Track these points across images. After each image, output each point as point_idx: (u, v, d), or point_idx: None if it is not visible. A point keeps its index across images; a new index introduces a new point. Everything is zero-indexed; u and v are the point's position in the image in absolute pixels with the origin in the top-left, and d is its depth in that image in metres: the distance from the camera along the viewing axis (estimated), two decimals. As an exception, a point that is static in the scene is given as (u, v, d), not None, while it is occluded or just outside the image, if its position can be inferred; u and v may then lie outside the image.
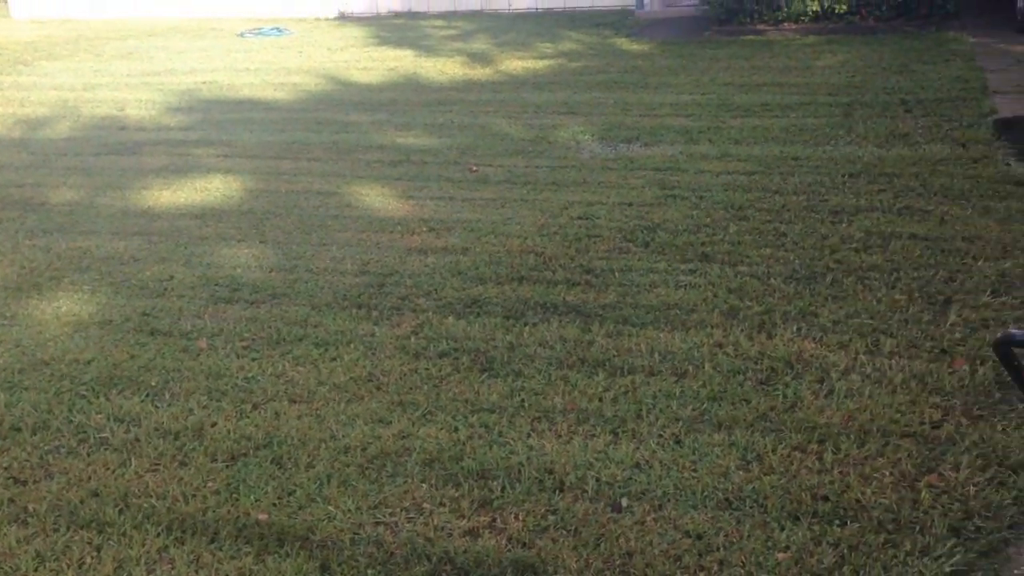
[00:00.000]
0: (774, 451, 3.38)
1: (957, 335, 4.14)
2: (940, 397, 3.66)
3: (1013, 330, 1.82)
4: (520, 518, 3.12)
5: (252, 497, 3.30)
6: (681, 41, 11.47)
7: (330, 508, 3.22)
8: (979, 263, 4.86)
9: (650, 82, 9.44)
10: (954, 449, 3.32)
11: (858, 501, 3.09)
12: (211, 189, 6.80)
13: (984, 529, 2.95)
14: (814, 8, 11.70)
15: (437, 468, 3.39)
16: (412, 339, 4.37)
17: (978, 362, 3.90)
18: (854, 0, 11.59)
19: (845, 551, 2.88)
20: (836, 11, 11.63)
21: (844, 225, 5.48)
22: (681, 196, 6.13)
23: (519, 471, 3.34)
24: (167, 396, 4.02)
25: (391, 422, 3.69)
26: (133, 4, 16.27)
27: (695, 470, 3.31)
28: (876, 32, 11.13)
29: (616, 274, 4.98)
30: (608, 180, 6.57)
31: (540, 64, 10.66)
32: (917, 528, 2.95)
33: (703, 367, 3.99)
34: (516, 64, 10.72)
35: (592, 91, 9.19)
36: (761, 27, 11.81)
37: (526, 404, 3.78)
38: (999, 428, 3.41)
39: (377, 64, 11.17)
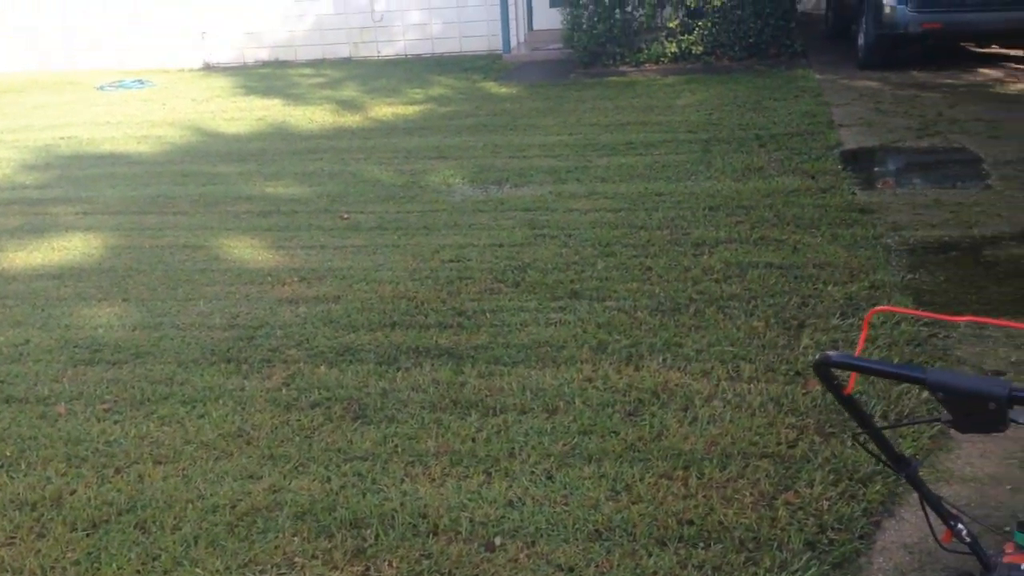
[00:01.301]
0: (642, 480, 3.47)
1: (810, 357, 4.35)
2: (795, 417, 3.84)
3: (830, 352, 1.93)
4: (394, 565, 3.11)
5: (114, 565, 3.18)
6: (548, 84, 11.75)
7: (197, 571, 3.13)
8: (829, 288, 5.12)
9: (519, 124, 9.63)
10: (808, 466, 3.48)
11: (721, 523, 3.20)
12: (70, 248, 6.58)
13: (837, 541, 3.10)
14: (673, 50, 12.19)
15: (309, 520, 3.35)
16: (283, 391, 4.32)
17: (867, 375, 4.09)
18: (710, 41, 12.14)
19: (709, 572, 2.98)
20: (693, 52, 12.15)
21: (705, 257, 5.70)
22: (550, 235, 6.26)
23: (393, 517, 3.33)
24: (23, 466, 3.85)
25: (262, 477, 3.63)
26: (-15, 58, 15.69)
27: (566, 504, 3.37)
28: (731, 71, 11.66)
29: (488, 315, 5.04)
30: (479, 222, 6.66)
31: (410, 110, 10.75)
32: (775, 545, 3.08)
33: (573, 402, 4.07)
34: (386, 110, 10.78)
35: (462, 135, 9.32)
36: (624, 68, 12.23)
37: (400, 449, 3.78)
38: (849, 444, 3.59)
39: (245, 114, 11.05)
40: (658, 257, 5.76)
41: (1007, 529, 2.96)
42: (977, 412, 1.74)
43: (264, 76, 13.86)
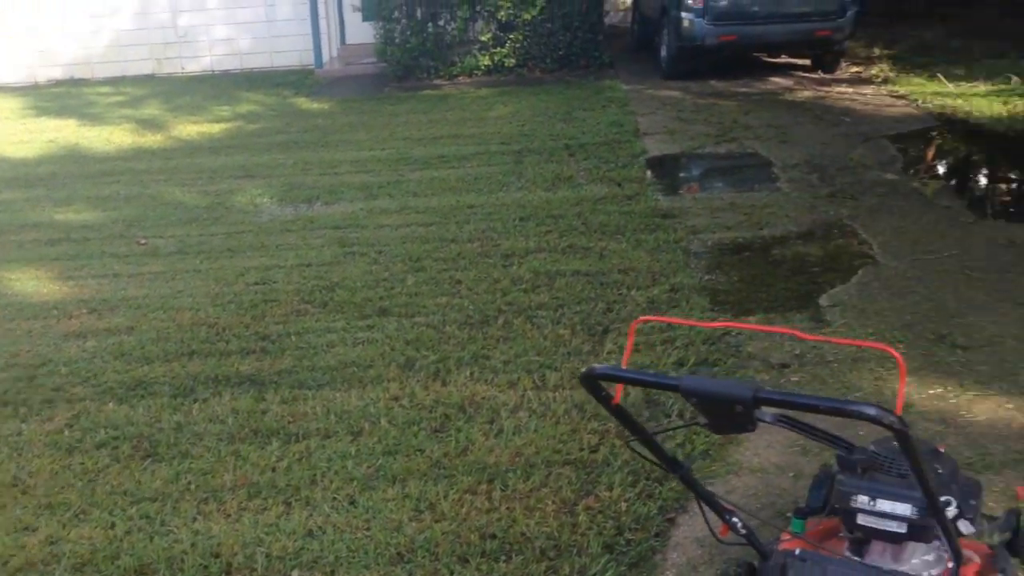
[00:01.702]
0: (446, 497, 3.43)
1: (613, 362, 4.44)
2: (598, 423, 3.89)
3: (595, 365, 1.96)
4: (183, 610, 2.95)
5: None
6: (361, 98, 11.62)
7: (-40, 637, 2.87)
8: (632, 292, 5.25)
9: (330, 140, 9.46)
10: (608, 470, 3.53)
11: (523, 534, 3.20)
12: None
13: (634, 541, 3.15)
14: (486, 62, 12.31)
15: (90, 572, 3.12)
16: (65, 432, 4.03)
17: (630, 385, 4.20)
18: (521, 54, 12.33)
19: (510, 586, 2.97)
20: (506, 65, 12.31)
21: (515, 267, 5.74)
22: (360, 252, 6.16)
23: (182, 560, 3.15)
24: None
25: (38, 528, 3.37)
26: None
27: (368, 529, 3.29)
28: (543, 83, 11.87)
29: (293, 338, 4.90)
30: (287, 242, 6.48)
31: (216, 128, 10.38)
32: (575, 551, 3.10)
33: (379, 423, 3.99)
34: (191, 129, 10.37)
35: (271, 152, 9.07)
36: (438, 82, 12.25)
37: (193, 486, 3.59)
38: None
39: (34, 136, 10.37)
40: (468, 270, 5.76)
41: (789, 515, 3.09)
42: (727, 414, 1.80)
43: (57, 96, 13.07)
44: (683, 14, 10.80)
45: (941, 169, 7.77)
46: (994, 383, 4.08)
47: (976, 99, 9.44)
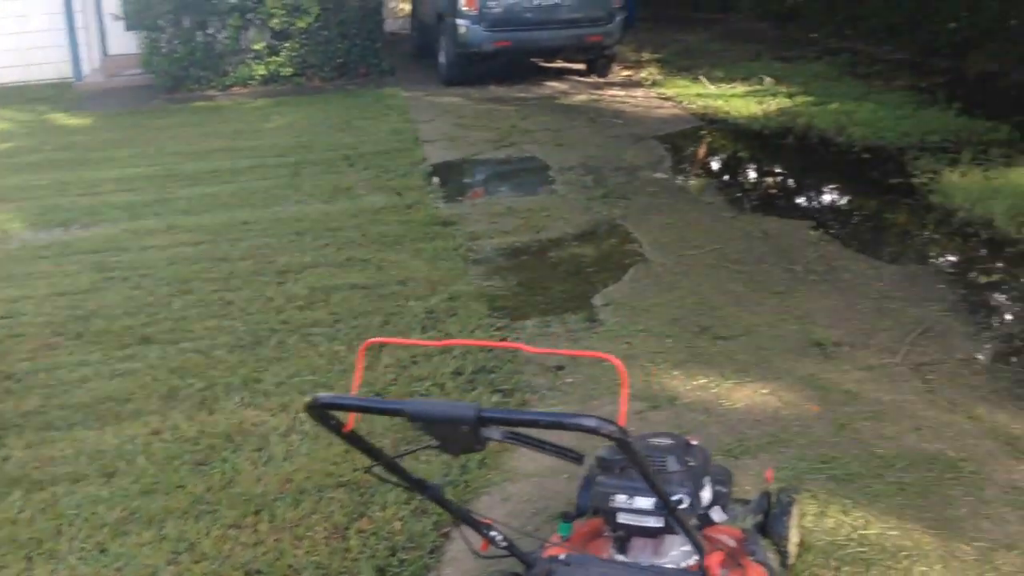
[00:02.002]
0: (208, 535, 3.23)
1: (390, 376, 4.35)
2: (372, 440, 3.78)
3: (320, 394, 1.89)
4: None
5: None
6: (127, 112, 10.97)
7: None
8: (411, 303, 5.18)
9: (91, 158, 8.85)
10: (382, 489, 3.44)
11: (291, 566, 3.05)
12: None
13: (408, 561, 3.08)
14: (261, 72, 11.92)
15: None
16: None
17: (410, 397, 4.13)
18: (299, 63, 12.02)
19: (275, 624, 2.82)
20: (283, 74, 11.97)
21: (290, 284, 5.54)
22: (122, 277, 5.77)
23: (-101, 638, 2.80)
24: None
25: None
26: None
27: (120, 579, 3.04)
28: (322, 92, 11.63)
29: (41, 375, 4.50)
30: (39, 270, 5.98)
31: (-39, 148, 9.50)
32: (345, 579, 2.99)
33: (136, 461, 3.72)
34: (-69, 151, 9.44)
35: (23, 173, 8.37)
36: (211, 93, 11.75)
37: (-84, 551, 3.21)
38: (421, 458, 3.59)
39: None
40: (240, 289, 5.51)
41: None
42: (454, 435, 1.77)
43: None
44: (459, 21, 10.86)
45: (704, 167, 8.17)
46: (751, 370, 4.29)
47: (735, 100, 10.02)
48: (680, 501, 2.32)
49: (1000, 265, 5.34)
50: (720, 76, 11.15)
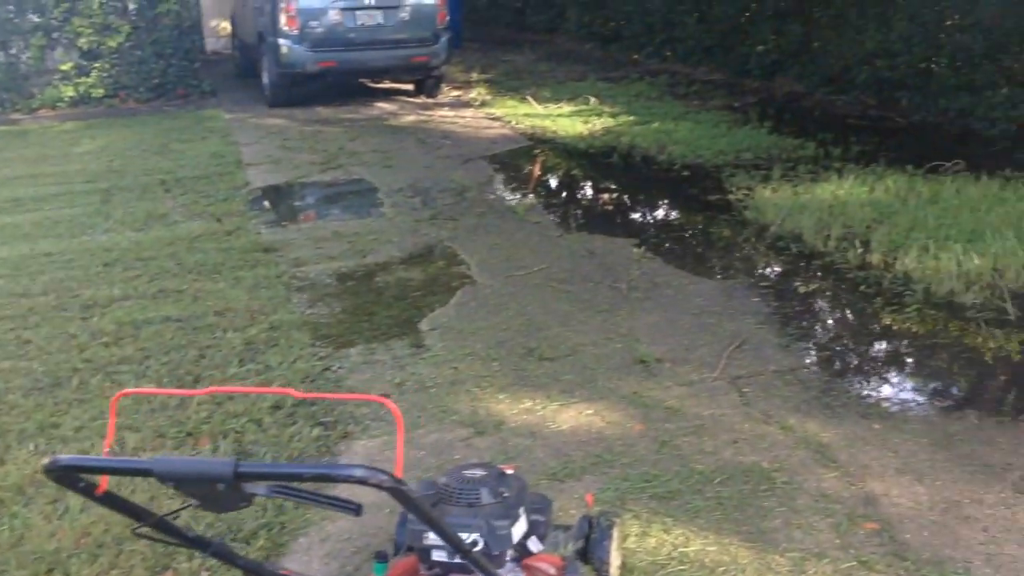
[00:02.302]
0: (-9, 604, 2.93)
1: (203, 415, 4.11)
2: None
3: (59, 456, 1.70)
4: None
5: None
6: (-83, 137, 10.13)
7: None
8: (228, 335, 4.93)
9: None
10: (190, 539, 3.21)
11: (85, 633, 2.80)
12: None
13: (217, 617, 2.88)
14: (70, 93, 11.28)
15: None
16: None
17: (221, 437, 3.90)
18: (111, 84, 11.43)
19: None
20: (94, 95, 11.36)
21: (96, 319, 5.18)
22: (-97, 318, 5.26)
23: None
24: None
25: None
26: None
27: None
28: (137, 114, 11.10)
29: None
30: None
31: None
32: (145, 643, 2.76)
33: (-91, 524, 3.34)
34: None
35: None
36: (15, 116, 11.03)
37: None
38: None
39: None
40: (40, 327, 5.11)
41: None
42: (214, 494, 1.62)
43: None
44: (280, 40, 10.60)
45: (532, 187, 8.23)
46: (576, 391, 4.29)
47: (562, 119, 10.19)
48: (475, 543, 2.25)
49: (809, 277, 5.59)
50: (547, 96, 11.32)
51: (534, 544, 2.55)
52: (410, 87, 12.16)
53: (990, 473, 3.44)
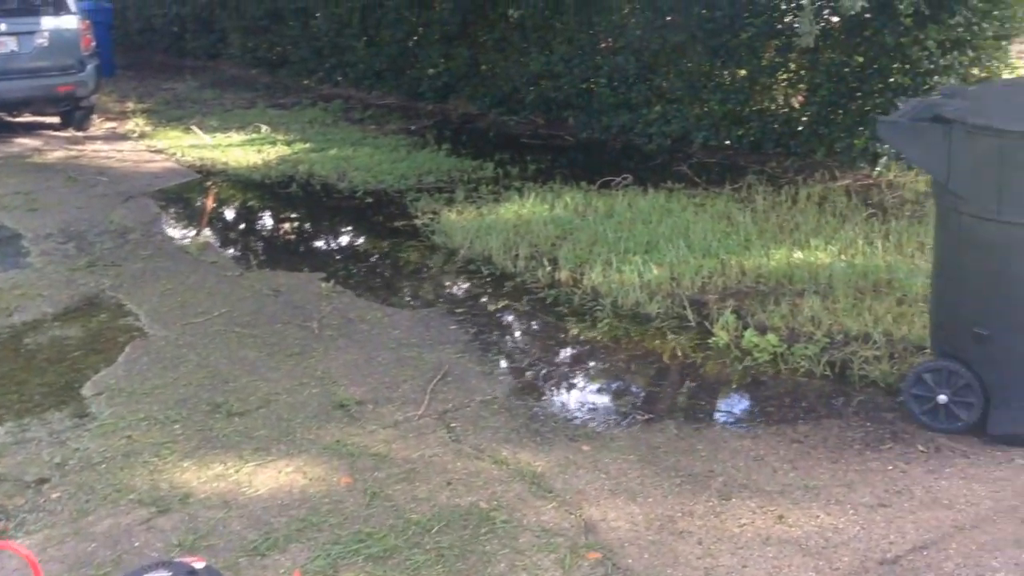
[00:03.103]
0: None
1: None
2: None
3: None
4: None
5: None
6: None
7: None
8: None
9: None
10: None
11: None
12: None
13: None
14: None
15: None
16: None
17: None
18: None
19: None
20: None
21: None
22: None
23: None
24: None
25: None
26: None
27: None
28: None
29: None
30: None
31: None
32: None
33: None
34: None
35: None
36: None
37: None
38: None
39: None
40: None
41: None
42: None
43: None
44: None
45: (205, 224, 7.62)
46: (273, 447, 3.89)
47: (233, 150, 9.59)
48: None
49: (503, 300, 5.55)
50: (215, 125, 10.65)
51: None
52: (56, 120, 10.94)
53: (696, 482, 3.50)
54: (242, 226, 7.71)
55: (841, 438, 3.72)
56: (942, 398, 3.62)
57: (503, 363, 4.71)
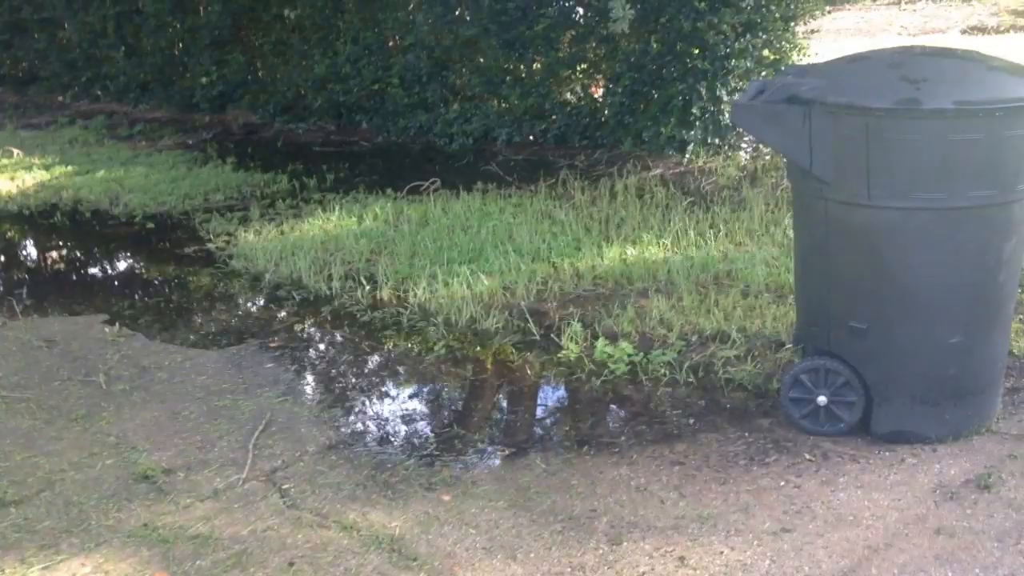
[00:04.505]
0: None
1: None
2: None
3: None
4: None
5: None
6: None
7: None
8: None
9: None
10: None
11: None
12: None
13: None
14: None
15: None
16: None
17: None
18: None
19: None
20: None
21: None
22: None
23: None
24: None
25: None
26: None
27: None
28: None
29: None
30: None
31: None
32: None
33: None
34: None
35: None
36: None
37: None
38: None
39: None
40: None
41: None
42: None
43: None
44: None
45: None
46: (63, 541, 3.16)
47: (-21, 178, 8.37)
48: None
49: (322, 328, 4.96)
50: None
51: None
52: None
53: (579, 526, 3.08)
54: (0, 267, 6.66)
55: (723, 454, 3.42)
56: (822, 399, 3.39)
57: (334, 403, 4.13)
